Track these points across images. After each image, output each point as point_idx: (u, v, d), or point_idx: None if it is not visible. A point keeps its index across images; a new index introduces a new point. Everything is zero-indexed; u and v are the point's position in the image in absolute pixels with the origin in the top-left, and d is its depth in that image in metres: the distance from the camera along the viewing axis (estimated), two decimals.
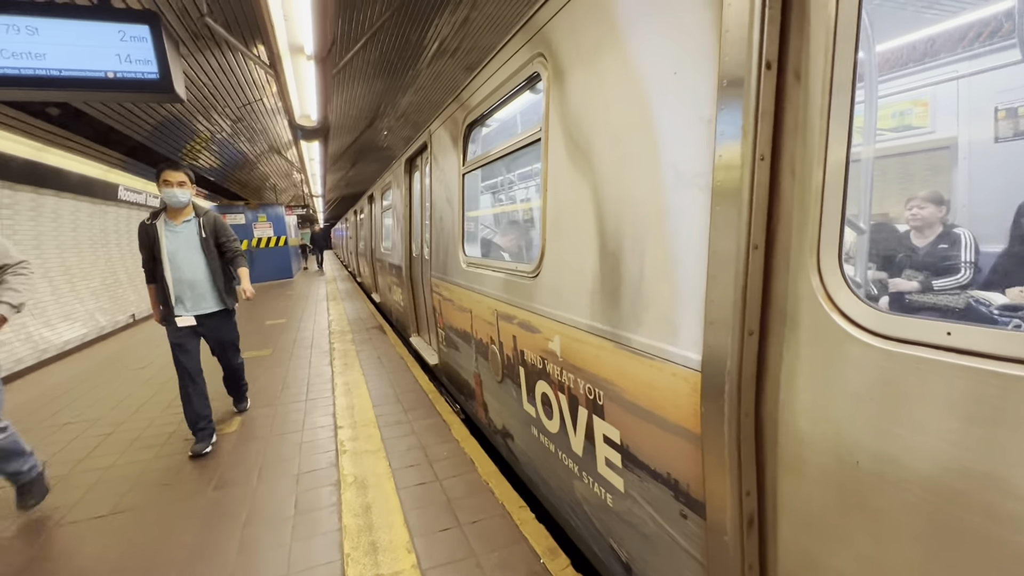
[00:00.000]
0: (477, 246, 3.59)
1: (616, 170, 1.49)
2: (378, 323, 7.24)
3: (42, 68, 2.54)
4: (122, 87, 2.71)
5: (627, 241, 1.44)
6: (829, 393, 0.93)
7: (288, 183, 14.84)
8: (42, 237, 6.48)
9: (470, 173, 3.14)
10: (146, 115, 6.03)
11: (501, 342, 2.50)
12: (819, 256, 0.94)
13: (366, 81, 6.48)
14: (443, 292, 3.69)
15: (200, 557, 2.09)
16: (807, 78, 0.94)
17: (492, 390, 2.77)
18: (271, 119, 7.57)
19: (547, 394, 2.02)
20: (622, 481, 1.56)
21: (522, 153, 2.35)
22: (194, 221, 3.04)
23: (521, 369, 2.27)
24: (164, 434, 3.43)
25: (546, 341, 1.96)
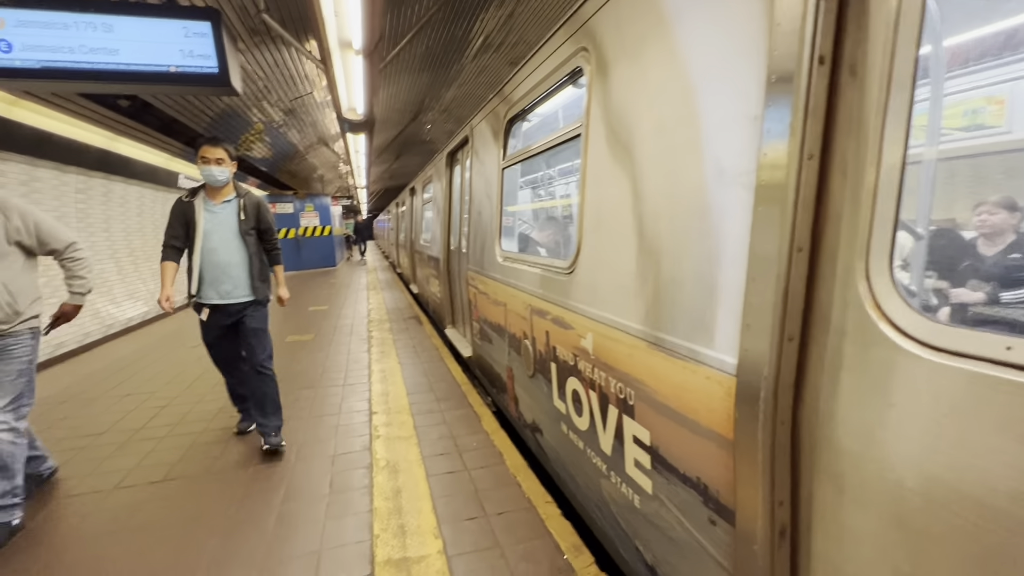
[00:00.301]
0: (514, 241, 3.57)
1: (657, 167, 1.47)
2: (415, 313, 7.39)
3: (116, 63, 2.72)
4: (184, 81, 2.87)
5: (665, 239, 1.42)
6: (873, 405, 0.89)
7: (334, 174, 15.33)
8: (111, 220, 6.97)
9: (509, 168, 3.14)
10: (206, 107, 6.36)
11: (534, 337, 2.51)
12: (868, 261, 0.89)
13: (411, 75, 6.60)
14: (479, 285, 3.73)
15: (241, 526, 2.21)
16: (863, 74, 0.89)
17: (523, 384, 2.78)
18: (320, 112, 7.83)
19: (578, 391, 2.01)
20: (650, 483, 1.54)
21: (561, 149, 2.34)
22: (234, 202, 2.80)
23: (553, 365, 2.27)
24: (213, 409, 3.64)
25: (579, 338, 1.95)
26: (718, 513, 1.25)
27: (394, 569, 1.91)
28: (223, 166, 2.71)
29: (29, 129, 4.93)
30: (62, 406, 3.83)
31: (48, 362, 5.05)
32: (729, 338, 1.17)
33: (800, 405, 1.03)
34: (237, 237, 2.79)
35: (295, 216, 14.98)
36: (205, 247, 2.74)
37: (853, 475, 0.93)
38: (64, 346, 5.35)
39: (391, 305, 8.21)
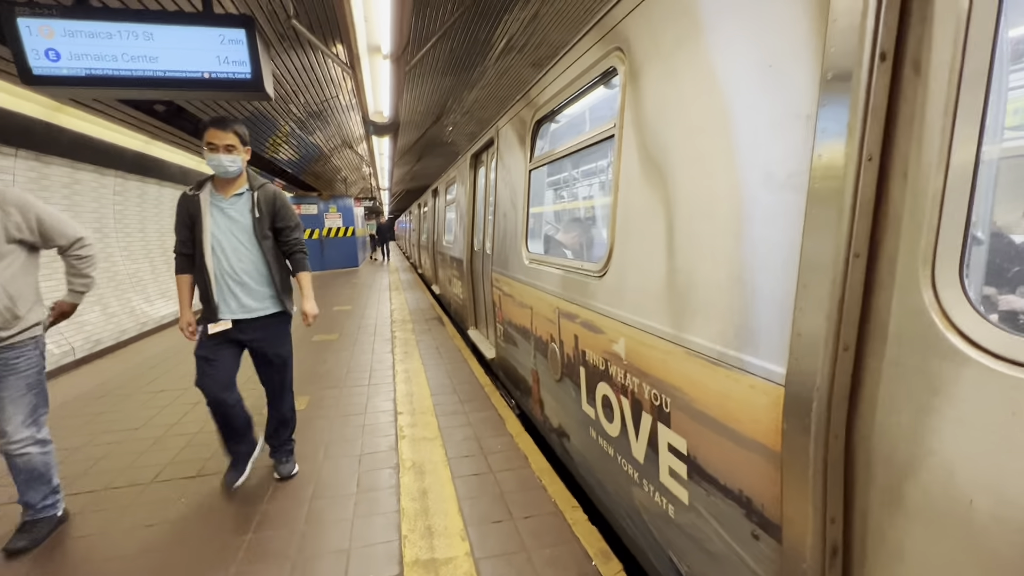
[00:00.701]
0: (540, 243, 3.59)
1: (696, 168, 1.43)
2: (437, 314, 7.44)
3: (155, 70, 2.81)
4: (220, 87, 2.94)
5: (705, 243, 1.38)
6: (938, 420, 0.84)
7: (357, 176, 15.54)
8: (146, 220, 7.20)
9: (536, 170, 3.12)
10: (236, 111, 6.52)
11: (562, 340, 2.48)
12: (934, 268, 0.85)
13: (435, 78, 6.65)
14: (503, 287, 3.72)
15: (272, 522, 2.26)
16: (927, 71, 0.85)
17: (550, 388, 2.75)
18: (345, 115, 7.95)
19: (608, 397, 1.98)
20: (687, 493, 1.50)
21: (591, 151, 2.31)
22: (247, 195, 2.38)
23: (582, 369, 2.25)
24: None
25: (610, 343, 1.92)
26: (762, 527, 1.21)
27: (423, 570, 1.93)
28: (234, 153, 2.28)
29: (71, 133, 5.13)
30: (99, 401, 3.97)
31: (87, 358, 5.24)
32: (777, 346, 1.13)
33: (855, 418, 0.99)
34: (251, 237, 2.36)
35: (319, 217, 15.25)
36: (215, 251, 2.31)
37: (914, 493, 0.89)
38: (101, 343, 5.55)
39: (413, 306, 8.29)
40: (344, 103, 7.25)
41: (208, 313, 2.34)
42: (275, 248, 2.44)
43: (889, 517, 0.94)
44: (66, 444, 3.15)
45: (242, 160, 2.34)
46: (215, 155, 2.25)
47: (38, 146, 4.82)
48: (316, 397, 3.90)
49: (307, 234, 15.09)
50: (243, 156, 2.34)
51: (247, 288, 2.37)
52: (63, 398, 4.07)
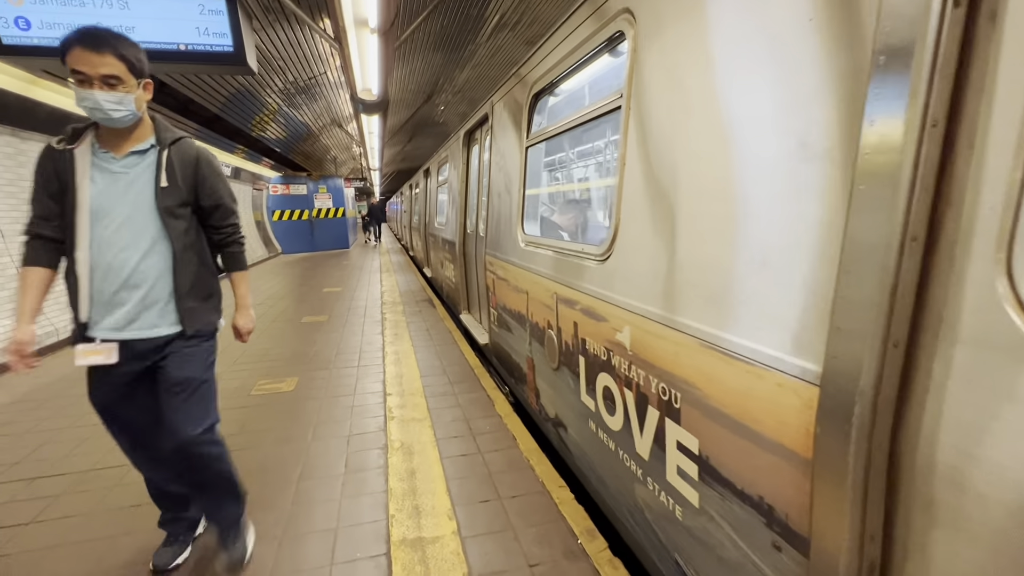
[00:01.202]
0: (537, 225, 3.40)
1: (716, 139, 1.28)
2: (428, 296, 7.42)
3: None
4: (200, 59, 2.85)
5: (725, 223, 1.24)
6: (1007, 431, 0.73)
7: (347, 156, 15.31)
8: None
9: (534, 147, 2.95)
10: (220, 87, 6.34)
11: (560, 327, 2.37)
12: (1011, 255, 0.74)
13: (425, 55, 6.50)
14: (497, 271, 3.57)
15: (259, 504, 2.26)
16: (1004, 19, 0.74)
17: (546, 377, 2.66)
18: (334, 92, 7.78)
19: (610, 388, 1.87)
20: (697, 495, 1.39)
21: (593, 126, 2.22)
22: (152, 155, 1.61)
23: (581, 359, 2.13)
24: (231, 387, 3.70)
25: (613, 331, 1.81)
26: (785, 539, 1.10)
27: (409, 549, 1.94)
28: (119, 90, 1.46)
29: (48, 108, 4.97)
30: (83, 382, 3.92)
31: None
32: (809, 340, 1.01)
33: (901, 424, 0.88)
34: (155, 219, 1.58)
35: (309, 198, 15.05)
36: (94, 236, 1.53)
37: (973, 513, 0.78)
38: None
39: (404, 288, 8.25)
40: (332, 80, 7.08)
41: (77, 331, 1.55)
42: (193, 235, 1.67)
43: (939, 538, 0.84)
44: (54, 425, 3.12)
45: (135, 99, 1.49)
46: (87, 91, 1.42)
47: (13, 120, 4.66)
48: (305, 378, 3.88)
49: (296, 215, 14.88)
50: (137, 94, 1.50)
51: (142, 294, 1.56)
52: (49, 378, 4.02)
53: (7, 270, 4.67)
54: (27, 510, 2.24)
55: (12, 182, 4.82)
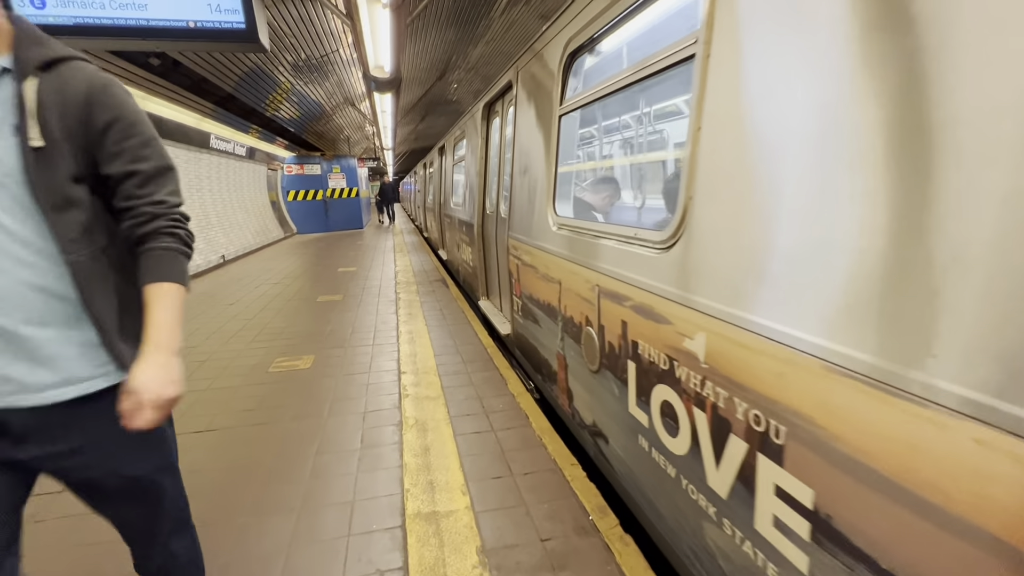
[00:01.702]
0: (572, 205, 3.02)
1: (849, 84, 0.94)
2: (441, 276, 7.44)
3: (145, 18, 2.70)
4: (213, 36, 2.83)
5: (870, 200, 0.90)
6: None
7: (360, 135, 15.26)
8: None
9: (568, 115, 2.59)
10: (234, 65, 6.33)
11: (602, 325, 2.04)
12: None
13: (438, 31, 6.39)
14: (523, 256, 3.21)
15: (278, 476, 2.32)
16: None
17: (582, 379, 2.35)
18: (346, 71, 7.71)
19: (671, 404, 1.56)
20: (806, 561, 1.07)
21: (645, 86, 1.86)
22: (7, 85, 0.88)
23: (631, 364, 1.81)
24: (250, 364, 3.78)
25: (679, 337, 1.48)
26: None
27: (424, 522, 1.99)
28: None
29: None
30: None
31: None
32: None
33: None
34: (27, 202, 0.89)
35: (323, 178, 15.08)
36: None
37: None
38: None
39: (418, 268, 8.28)
40: (345, 57, 7.02)
41: None
42: (100, 229, 0.98)
43: None
44: None
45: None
46: None
47: None
48: (321, 356, 3.95)
49: (311, 195, 14.93)
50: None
51: (13, 339, 0.90)
52: None
53: None
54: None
55: None
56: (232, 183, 10.63)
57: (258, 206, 12.44)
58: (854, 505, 0.95)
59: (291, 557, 1.82)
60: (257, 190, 12.48)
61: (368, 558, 1.81)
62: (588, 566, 1.76)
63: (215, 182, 9.69)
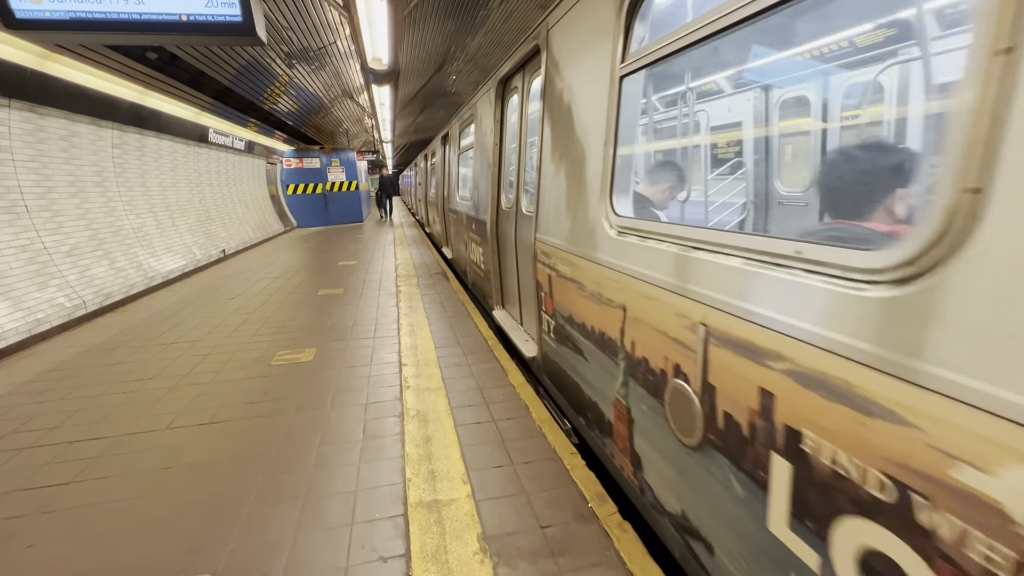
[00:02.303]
0: (647, 200, 2.33)
1: None
2: (442, 270, 7.45)
3: (141, 12, 2.69)
4: (209, 30, 2.83)
5: None
6: None
7: (359, 128, 15.18)
8: (147, 175, 7.14)
9: (634, 75, 1.92)
10: (231, 59, 6.30)
11: (711, 385, 1.39)
12: None
13: (436, 22, 6.34)
14: (559, 267, 2.57)
15: (282, 467, 2.36)
16: None
17: (664, 450, 1.69)
18: (344, 63, 7.66)
19: (897, 557, 0.89)
20: None
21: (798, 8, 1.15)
22: None
23: (782, 463, 1.14)
24: (252, 358, 3.81)
25: (934, 456, 0.81)
26: None
27: (426, 510, 2.02)
28: None
29: (64, 83, 5.00)
30: (113, 352, 4.08)
31: (99, 311, 5.34)
32: None
33: None
34: None
35: (322, 171, 15.05)
36: None
37: None
38: (112, 297, 5.63)
39: (418, 261, 8.29)
40: (343, 50, 6.97)
41: None
42: None
43: None
44: (85, 393, 3.27)
45: None
46: None
47: (31, 96, 4.71)
48: (323, 349, 3.98)
49: (310, 189, 14.92)
50: None
51: None
52: (79, 349, 4.18)
53: (34, 244, 4.81)
54: (67, 471, 2.37)
55: (33, 158, 4.91)
56: (231, 177, 10.62)
57: (258, 200, 12.43)
58: None
59: (297, 544, 1.86)
60: (256, 184, 12.46)
61: (371, 545, 1.85)
62: (587, 552, 1.79)
63: (214, 176, 9.68)
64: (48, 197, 5.11)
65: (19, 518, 2.05)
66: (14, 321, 4.24)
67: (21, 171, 4.74)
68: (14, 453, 2.55)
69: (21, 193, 4.74)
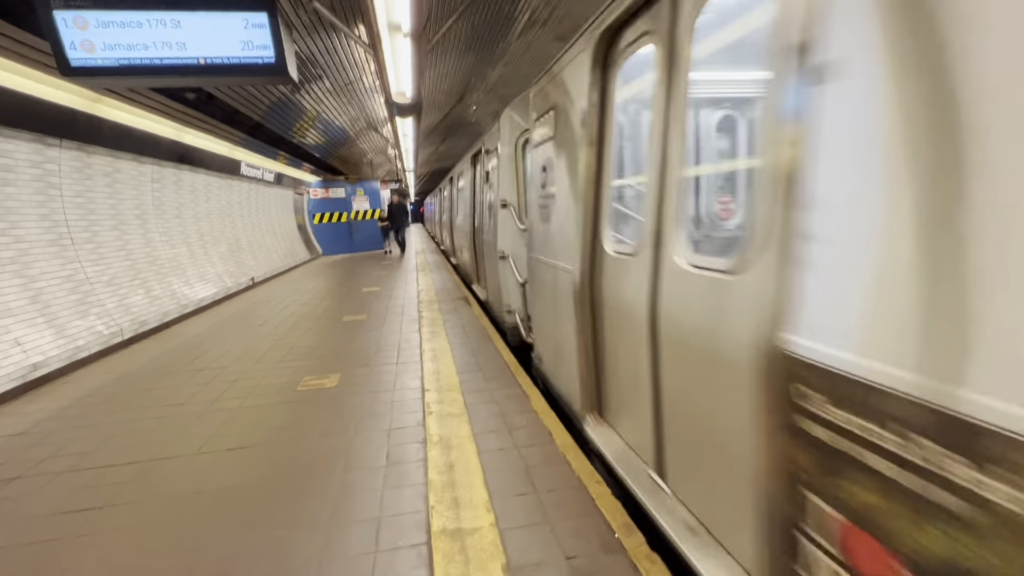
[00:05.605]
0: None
1: None
2: (463, 295, 7.51)
3: (184, 57, 2.88)
4: (246, 72, 3.00)
5: None
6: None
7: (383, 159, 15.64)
8: (183, 207, 7.47)
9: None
10: (263, 96, 6.62)
11: None
12: None
13: (457, 56, 6.58)
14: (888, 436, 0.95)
15: (308, 493, 2.37)
16: None
17: None
18: (369, 97, 7.97)
19: None
20: None
21: None
22: None
23: None
24: (279, 383, 3.88)
25: None
26: None
27: (449, 539, 2.00)
28: None
29: (110, 123, 5.33)
30: (148, 378, 4.20)
31: (134, 338, 5.53)
32: None
33: None
34: None
35: (347, 200, 15.50)
36: None
37: None
38: (147, 324, 5.84)
39: (439, 286, 8.38)
40: (368, 85, 7.27)
41: None
42: None
43: None
44: (121, 418, 3.36)
45: None
46: None
47: (81, 136, 5.03)
48: (347, 374, 4.02)
49: (336, 218, 15.33)
50: None
51: None
52: (116, 375, 4.33)
53: (77, 275, 5.05)
54: (101, 495, 2.43)
55: (80, 193, 5.21)
56: (261, 208, 11.03)
57: (285, 229, 12.83)
58: None
59: (322, 572, 1.85)
60: (284, 214, 12.89)
61: (396, 574, 1.83)
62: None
63: (245, 207, 10.07)
64: (91, 230, 5.38)
65: (55, 541, 2.10)
66: (57, 348, 4.43)
67: (68, 206, 5.03)
68: (52, 477, 2.63)
69: (68, 227, 5.01)
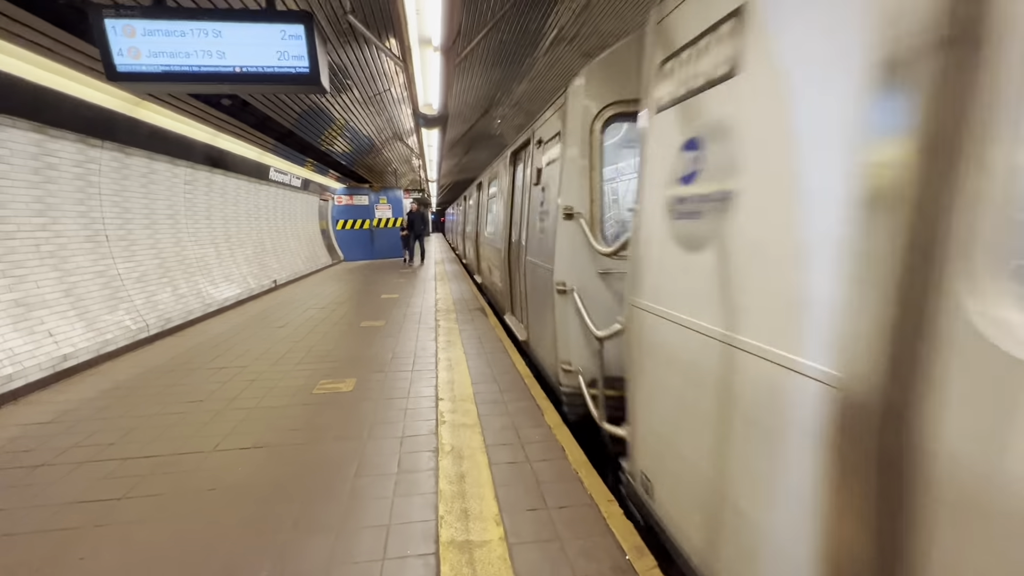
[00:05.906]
0: None
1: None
2: (480, 305, 7.53)
3: (223, 65, 2.99)
4: (281, 80, 3.09)
5: None
6: None
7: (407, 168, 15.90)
8: (212, 209, 7.69)
9: None
10: (295, 105, 6.82)
11: None
12: None
13: (484, 70, 6.69)
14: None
15: (319, 496, 2.38)
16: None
17: None
18: (396, 108, 8.13)
19: None
20: None
21: None
22: None
23: None
24: (296, 385, 3.93)
25: None
26: None
27: (457, 551, 1.98)
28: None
29: (148, 126, 5.54)
30: (170, 374, 4.30)
31: (159, 334, 5.68)
32: None
33: None
34: None
35: (370, 208, 15.77)
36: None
37: None
38: (172, 321, 5.99)
39: (457, 296, 8.42)
40: (396, 96, 7.43)
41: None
42: None
43: None
44: (143, 412, 3.44)
45: None
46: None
47: (121, 138, 5.24)
48: (362, 380, 4.06)
49: (358, 224, 15.60)
50: None
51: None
52: (140, 369, 4.44)
53: (110, 270, 5.23)
54: (120, 486, 2.48)
55: (117, 192, 5.41)
56: (287, 212, 11.28)
57: (309, 234, 13.09)
58: None
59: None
60: (309, 219, 13.16)
61: None
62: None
63: (272, 211, 10.32)
64: (125, 228, 5.58)
65: (75, 530, 2.15)
66: (86, 340, 4.57)
67: (106, 204, 5.22)
68: (75, 466, 2.70)
69: (104, 224, 5.20)
